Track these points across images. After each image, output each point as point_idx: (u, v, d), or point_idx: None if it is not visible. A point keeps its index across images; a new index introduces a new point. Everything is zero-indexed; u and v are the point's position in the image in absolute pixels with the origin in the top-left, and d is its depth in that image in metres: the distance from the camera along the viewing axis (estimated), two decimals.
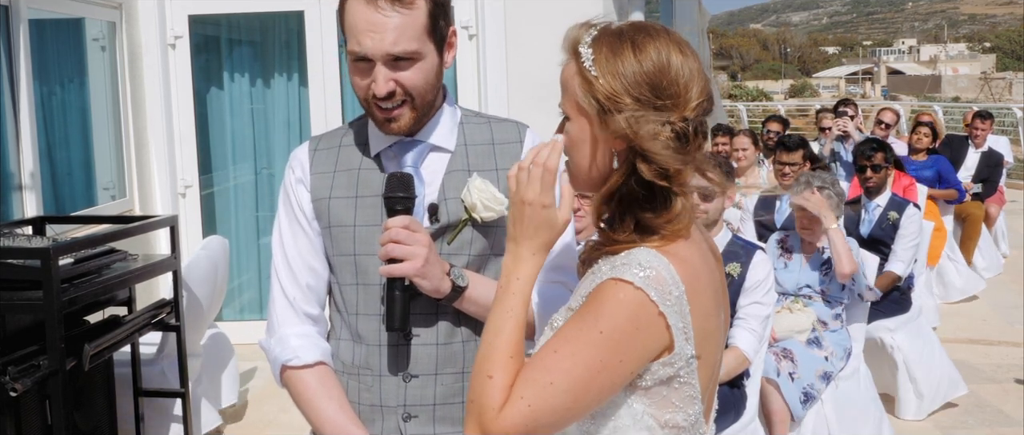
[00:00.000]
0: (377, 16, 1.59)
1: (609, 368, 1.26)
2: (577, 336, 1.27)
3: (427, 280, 1.61)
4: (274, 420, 4.63)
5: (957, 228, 7.58)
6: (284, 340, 1.75)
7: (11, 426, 3.07)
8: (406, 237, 1.59)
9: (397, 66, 1.63)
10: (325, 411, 1.70)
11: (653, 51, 1.32)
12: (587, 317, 1.27)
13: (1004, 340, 5.90)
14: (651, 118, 1.30)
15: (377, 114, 1.68)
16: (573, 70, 1.36)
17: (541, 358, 1.28)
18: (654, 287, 1.26)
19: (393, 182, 1.63)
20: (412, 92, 1.65)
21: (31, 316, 3.18)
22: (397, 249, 1.59)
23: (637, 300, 1.26)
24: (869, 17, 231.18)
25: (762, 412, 3.68)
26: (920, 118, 7.84)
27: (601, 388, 1.27)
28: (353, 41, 1.62)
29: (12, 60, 4.40)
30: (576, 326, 1.28)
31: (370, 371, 1.73)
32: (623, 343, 1.26)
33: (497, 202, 1.68)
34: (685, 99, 1.32)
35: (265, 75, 5.98)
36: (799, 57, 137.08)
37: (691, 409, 1.34)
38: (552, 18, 5.28)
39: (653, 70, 1.31)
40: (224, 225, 6.01)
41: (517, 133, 1.79)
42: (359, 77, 1.66)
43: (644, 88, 1.30)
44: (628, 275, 1.27)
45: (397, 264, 1.59)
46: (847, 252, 3.92)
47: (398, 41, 1.60)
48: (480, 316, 1.71)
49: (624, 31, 1.35)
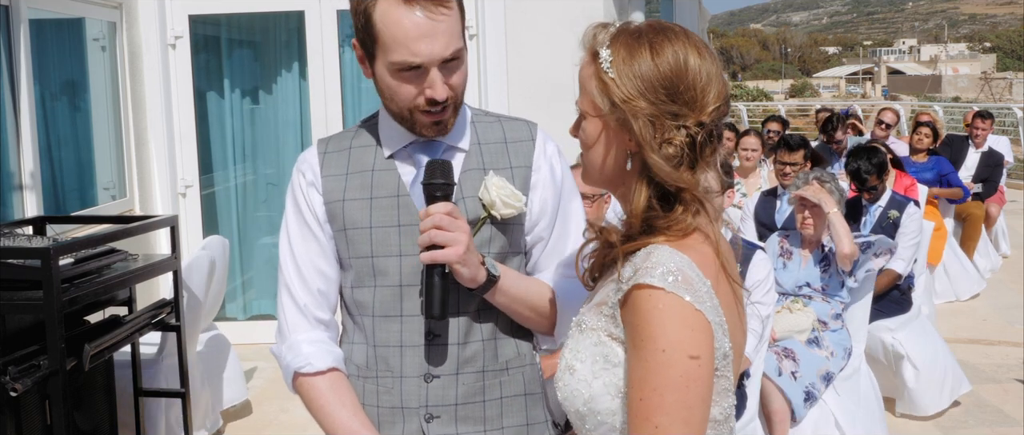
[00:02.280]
0: (426, 22, 1.56)
1: (693, 377, 1.23)
2: (648, 369, 1.24)
3: (466, 268, 1.60)
4: (274, 420, 4.63)
5: (957, 228, 7.58)
6: (296, 347, 1.73)
7: (11, 426, 3.06)
8: (449, 223, 1.58)
9: (448, 67, 1.62)
10: (339, 417, 1.68)
11: (670, 53, 1.30)
12: (645, 345, 1.25)
13: (1004, 340, 5.90)
14: (666, 123, 1.30)
15: (425, 120, 1.65)
16: (591, 71, 1.35)
17: (635, 413, 1.25)
18: (685, 289, 1.25)
19: (433, 168, 1.61)
20: (458, 91, 1.65)
21: (31, 316, 3.18)
22: (440, 235, 1.57)
23: (676, 303, 1.24)
24: (869, 17, 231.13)
25: (762, 411, 3.68)
26: (920, 118, 7.84)
27: (699, 399, 1.24)
28: (402, 51, 1.57)
29: (12, 60, 4.40)
30: (640, 361, 1.25)
31: (390, 373, 1.71)
32: (689, 348, 1.24)
33: (515, 199, 1.68)
34: (702, 103, 1.31)
35: (265, 75, 5.98)
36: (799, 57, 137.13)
37: (726, 402, 1.34)
38: (552, 18, 5.29)
39: (670, 73, 1.30)
40: (224, 225, 6.01)
41: (528, 131, 1.78)
42: (407, 85, 1.62)
43: (660, 91, 1.30)
44: (656, 280, 1.25)
45: (439, 250, 1.58)
46: (847, 234, 3.93)
47: (450, 43, 1.59)
48: (508, 309, 1.71)
49: (643, 32, 1.34)
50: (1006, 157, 9.02)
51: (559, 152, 1.79)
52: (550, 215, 1.76)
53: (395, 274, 1.69)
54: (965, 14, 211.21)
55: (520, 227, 1.75)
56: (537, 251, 1.78)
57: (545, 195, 1.75)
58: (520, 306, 1.70)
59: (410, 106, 1.64)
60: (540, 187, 1.75)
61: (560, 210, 1.77)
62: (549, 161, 1.76)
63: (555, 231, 1.77)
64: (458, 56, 1.62)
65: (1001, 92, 57.61)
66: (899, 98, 45.83)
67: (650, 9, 9.50)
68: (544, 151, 1.77)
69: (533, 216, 1.75)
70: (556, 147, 1.80)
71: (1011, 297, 6.99)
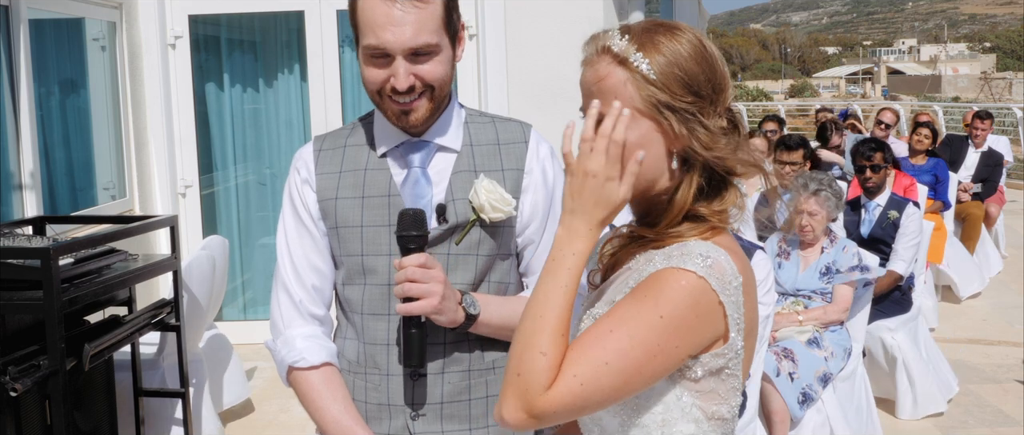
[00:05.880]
0: (396, 11, 1.59)
1: (665, 352, 1.24)
2: (636, 317, 1.24)
3: (443, 315, 1.62)
4: (274, 420, 4.63)
5: (957, 228, 7.58)
6: (290, 342, 1.75)
7: (11, 426, 3.06)
8: (422, 275, 1.59)
9: (416, 59, 1.63)
10: (330, 412, 1.71)
11: (689, 44, 1.31)
12: (646, 300, 1.25)
13: (1004, 340, 5.90)
14: (708, 111, 1.31)
15: (392, 107, 1.67)
16: (623, 76, 1.31)
17: (596, 337, 1.25)
18: (716, 276, 1.25)
19: (406, 220, 1.61)
20: (432, 83, 1.65)
21: (31, 316, 3.18)
22: (414, 288, 1.59)
23: (700, 287, 1.24)
24: (869, 17, 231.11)
25: (762, 412, 3.68)
26: (919, 118, 7.83)
27: (653, 372, 1.25)
28: (370, 35, 1.61)
29: (12, 60, 4.40)
30: (634, 307, 1.25)
31: (377, 370, 1.74)
32: (682, 329, 1.24)
33: (504, 203, 1.68)
34: (726, 84, 1.33)
35: (265, 75, 5.98)
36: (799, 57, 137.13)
37: (734, 401, 1.34)
38: (552, 18, 5.29)
39: (701, 61, 1.31)
40: (224, 225, 6.01)
41: (522, 133, 1.78)
42: (374, 70, 1.64)
43: (700, 79, 1.30)
44: (690, 264, 1.25)
45: (415, 303, 1.59)
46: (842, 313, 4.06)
47: (418, 34, 1.60)
48: (495, 335, 1.72)
49: (654, 29, 1.33)
50: (1006, 157, 9.03)
51: (552, 154, 1.79)
52: (541, 218, 1.77)
53: (384, 273, 1.70)
54: (965, 14, 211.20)
55: (511, 230, 1.75)
56: (528, 253, 1.79)
57: (536, 198, 1.76)
58: (506, 332, 1.70)
59: (378, 91, 1.66)
60: (531, 190, 1.75)
61: (551, 213, 1.78)
62: (541, 163, 1.77)
63: (546, 233, 1.78)
64: (430, 50, 1.63)
65: (1001, 92, 57.61)
66: (899, 98, 45.82)
67: (650, 9, 9.50)
68: (537, 153, 1.77)
69: (524, 219, 1.76)
70: (549, 149, 1.80)
71: (1011, 297, 6.99)
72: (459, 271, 1.71)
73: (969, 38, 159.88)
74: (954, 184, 7.35)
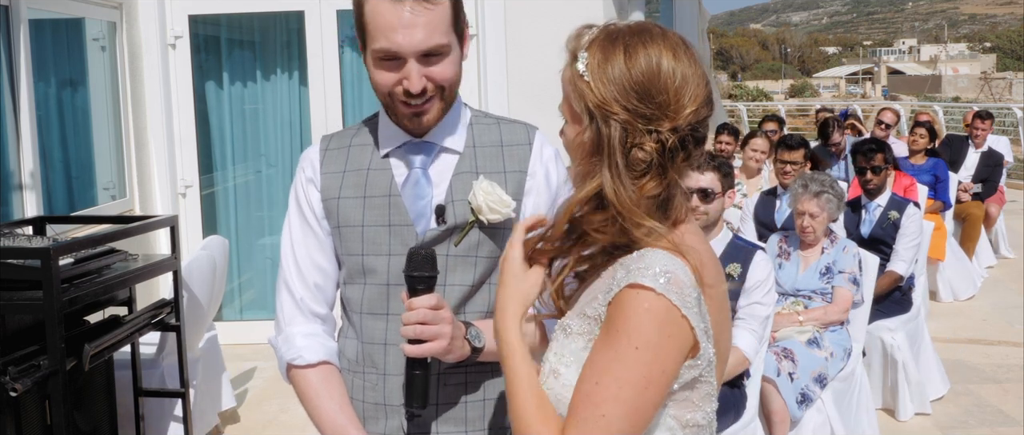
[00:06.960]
0: (406, 14, 1.59)
1: (654, 382, 1.24)
2: (614, 359, 1.24)
3: (452, 355, 1.61)
4: (274, 420, 4.63)
5: (957, 228, 7.58)
6: (290, 339, 1.76)
7: (11, 426, 3.06)
8: (433, 317, 1.57)
9: (428, 61, 1.63)
10: (325, 410, 1.72)
11: (643, 57, 1.29)
12: (619, 337, 1.25)
13: (1004, 340, 5.90)
14: (639, 128, 1.29)
15: (404, 110, 1.66)
16: (569, 74, 1.35)
17: (585, 394, 1.26)
18: (675, 291, 1.24)
19: (417, 260, 1.58)
20: (443, 84, 1.66)
21: (31, 316, 3.18)
22: (425, 330, 1.57)
23: (662, 306, 1.24)
24: (869, 17, 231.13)
25: (762, 412, 3.68)
26: (918, 118, 7.83)
27: (650, 403, 1.25)
28: (381, 38, 1.61)
29: (12, 60, 4.40)
30: (609, 349, 1.25)
31: (375, 369, 1.74)
32: (660, 354, 1.24)
33: (503, 204, 1.68)
34: (677, 107, 1.29)
35: (265, 75, 5.98)
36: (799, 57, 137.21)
37: (709, 406, 1.34)
38: (552, 18, 5.29)
39: (642, 76, 1.28)
40: (224, 225, 6.01)
41: (526, 135, 1.78)
42: (385, 73, 1.64)
43: (632, 95, 1.28)
44: (648, 280, 1.24)
45: (424, 345, 1.57)
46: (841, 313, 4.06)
47: (430, 36, 1.60)
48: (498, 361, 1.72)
49: (620, 34, 1.32)
50: (1006, 157, 9.03)
51: (557, 156, 1.79)
52: None
53: (383, 273, 1.71)
54: (965, 14, 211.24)
55: (508, 232, 1.74)
56: None
57: (539, 201, 1.75)
58: None
59: (388, 94, 1.66)
60: (534, 193, 1.75)
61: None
62: (545, 166, 1.76)
63: None
64: (441, 51, 1.63)
65: (1001, 92, 57.58)
66: (899, 98, 45.81)
67: (650, 9, 9.51)
68: (540, 156, 1.77)
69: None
70: (554, 151, 1.79)
71: (1011, 297, 6.99)
72: (458, 272, 1.71)
73: (969, 38, 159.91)
74: (954, 184, 7.36)
